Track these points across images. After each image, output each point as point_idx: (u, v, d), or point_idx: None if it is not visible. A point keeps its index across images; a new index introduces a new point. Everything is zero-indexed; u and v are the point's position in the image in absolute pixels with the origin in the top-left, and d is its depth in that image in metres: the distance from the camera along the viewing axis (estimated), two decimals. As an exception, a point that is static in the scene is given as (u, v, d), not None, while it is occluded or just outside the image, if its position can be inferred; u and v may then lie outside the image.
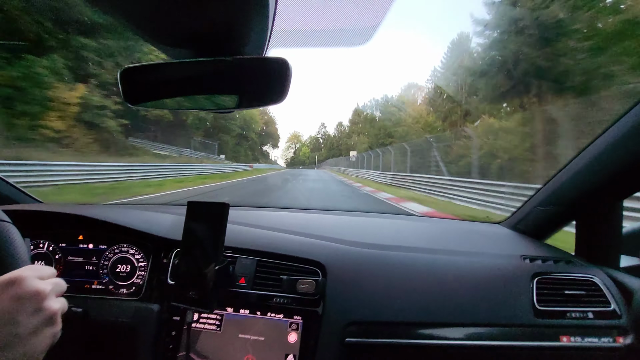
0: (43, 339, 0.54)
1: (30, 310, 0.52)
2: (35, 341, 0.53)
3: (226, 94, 0.67)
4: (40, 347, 0.54)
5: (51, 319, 0.55)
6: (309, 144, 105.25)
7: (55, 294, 0.58)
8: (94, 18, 1.71)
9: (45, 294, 0.55)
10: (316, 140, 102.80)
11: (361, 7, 0.58)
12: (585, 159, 1.01)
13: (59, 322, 0.58)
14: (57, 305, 0.57)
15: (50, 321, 0.55)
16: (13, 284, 0.52)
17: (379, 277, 0.99)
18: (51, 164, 8.95)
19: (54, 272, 0.61)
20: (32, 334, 0.52)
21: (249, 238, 1.10)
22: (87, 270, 1.10)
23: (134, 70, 0.66)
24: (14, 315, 0.50)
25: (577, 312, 0.95)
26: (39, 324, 0.53)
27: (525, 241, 1.25)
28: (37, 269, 0.57)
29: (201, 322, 0.96)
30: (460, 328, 0.92)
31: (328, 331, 0.90)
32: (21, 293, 0.52)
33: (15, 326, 0.50)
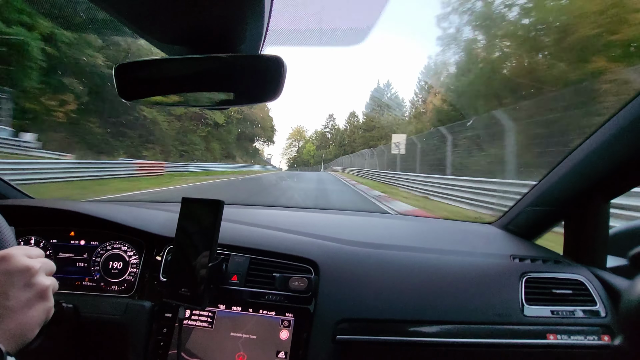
0: (36, 313, 0.55)
1: (20, 285, 0.54)
2: (28, 314, 0.54)
3: (221, 91, 0.67)
4: (34, 321, 0.55)
5: (42, 294, 0.57)
6: (315, 139, 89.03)
7: (44, 272, 0.59)
8: (89, 12, 1.68)
9: (34, 270, 0.56)
10: (323, 135, 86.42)
11: (356, 7, 0.58)
12: (574, 161, 1.03)
13: (50, 298, 0.59)
14: (48, 282, 0.59)
15: (42, 296, 0.57)
16: (2, 260, 0.54)
17: (371, 275, 1.00)
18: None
19: (42, 252, 0.63)
20: (24, 308, 0.54)
21: (242, 236, 1.10)
22: (78, 266, 1.09)
23: (129, 66, 0.66)
24: (5, 288, 0.52)
25: (564, 311, 0.97)
26: (30, 298, 0.55)
27: (515, 241, 1.27)
28: (25, 249, 0.59)
29: (193, 319, 0.96)
30: (450, 326, 0.93)
31: (319, 328, 0.91)
32: (10, 268, 0.54)
33: (6, 299, 0.52)
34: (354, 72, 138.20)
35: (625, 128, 0.87)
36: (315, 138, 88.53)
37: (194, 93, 0.70)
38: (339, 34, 0.68)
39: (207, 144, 31.35)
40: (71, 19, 0.68)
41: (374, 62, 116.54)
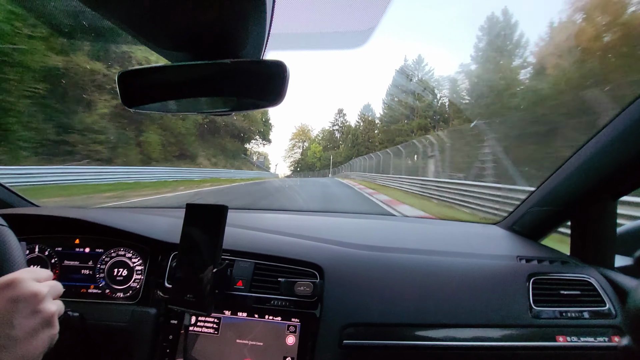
0: (40, 341, 0.54)
1: (26, 313, 0.52)
2: (32, 343, 0.53)
3: (224, 96, 0.67)
4: (38, 350, 0.54)
5: (48, 321, 0.56)
6: (322, 139, 76.78)
7: (52, 296, 0.58)
8: (91, 21, 1.67)
9: (42, 296, 0.55)
10: (331, 134, 74.31)
11: (357, 11, 0.58)
12: (579, 160, 1.02)
13: (56, 324, 0.58)
14: (54, 308, 0.57)
15: (47, 323, 0.55)
16: (9, 286, 0.52)
17: (376, 279, 0.99)
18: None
19: (51, 274, 0.61)
20: (28, 336, 0.52)
21: (246, 241, 1.10)
22: (83, 274, 1.09)
23: (132, 73, 0.66)
24: (10, 317, 0.51)
25: (573, 312, 0.95)
26: (35, 326, 0.53)
27: (521, 242, 1.25)
28: (34, 272, 0.58)
29: (198, 326, 0.96)
30: (458, 329, 0.92)
31: (326, 333, 0.90)
32: (17, 295, 0.52)
33: (11, 328, 0.50)
34: (369, 57, 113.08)
35: (632, 125, 0.86)
36: (322, 138, 76.99)
37: (196, 99, 0.70)
38: (341, 37, 0.68)
39: (123, 132, 16.84)
40: (74, 28, 0.69)
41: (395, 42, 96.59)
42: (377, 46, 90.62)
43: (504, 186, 6.86)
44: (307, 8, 0.56)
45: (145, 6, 0.49)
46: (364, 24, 0.62)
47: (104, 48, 14.59)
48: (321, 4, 0.56)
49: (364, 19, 0.60)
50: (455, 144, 12.32)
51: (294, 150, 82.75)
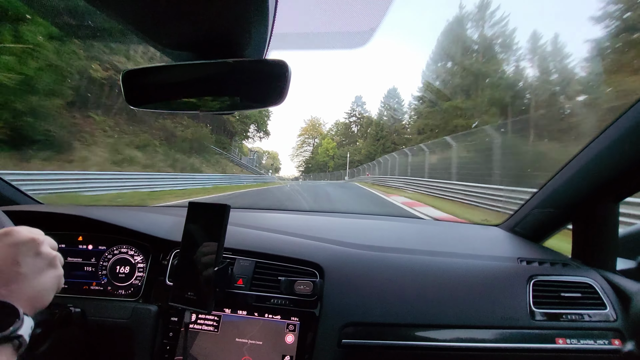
0: (48, 279, 0.60)
1: (30, 254, 0.58)
2: (41, 280, 0.59)
3: (227, 95, 0.68)
4: (47, 286, 0.60)
5: (51, 262, 0.62)
6: (336, 134, 64.78)
7: (48, 245, 0.63)
8: (97, 21, 1.66)
9: (40, 240, 0.60)
10: (346, 127, 61.71)
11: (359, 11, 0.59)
12: (582, 162, 1.02)
13: (59, 267, 0.64)
14: (54, 252, 0.63)
15: (51, 264, 0.62)
16: (7, 235, 0.58)
17: (376, 279, 1.00)
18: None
19: (42, 232, 0.66)
20: (35, 274, 0.58)
21: (248, 239, 1.11)
22: (86, 271, 1.10)
23: (136, 72, 0.67)
24: (15, 257, 0.56)
25: (573, 315, 0.95)
26: (41, 265, 0.59)
27: (523, 244, 1.25)
28: (26, 227, 0.63)
29: (199, 324, 0.96)
30: (457, 330, 0.92)
31: (325, 332, 0.90)
32: (17, 240, 0.58)
33: (18, 266, 0.56)
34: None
35: (633, 128, 0.86)
36: (336, 132, 64.34)
37: (199, 98, 0.71)
38: (342, 37, 0.69)
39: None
40: (79, 28, 0.70)
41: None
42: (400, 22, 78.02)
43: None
44: (308, 8, 0.56)
45: (150, 7, 0.50)
46: (365, 24, 0.62)
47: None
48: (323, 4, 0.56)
49: (366, 19, 0.61)
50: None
51: (303, 147, 72.03)
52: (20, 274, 0.55)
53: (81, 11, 0.62)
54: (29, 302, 0.56)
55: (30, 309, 0.56)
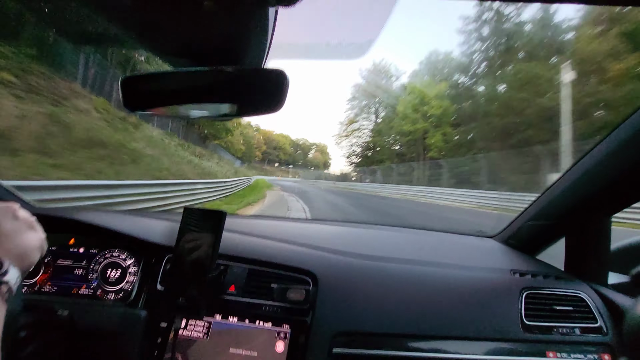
0: (31, 238, 0.64)
1: (8, 217, 0.62)
2: (24, 238, 0.62)
3: (225, 102, 0.68)
4: (31, 244, 0.63)
5: (30, 224, 0.66)
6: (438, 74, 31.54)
7: (22, 211, 0.66)
8: (95, 27, 1.65)
9: (14, 207, 0.64)
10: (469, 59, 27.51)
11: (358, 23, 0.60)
12: (575, 175, 1.03)
13: (39, 229, 0.68)
14: (32, 217, 0.67)
15: (31, 226, 0.65)
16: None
17: (369, 288, 0.99)
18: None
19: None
20: (18, 233, 0.61)
21: (241, 246, 1.10)
22: (76, 274, 1.08)
23: (134, 78, 0.67)
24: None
25: (564, 328, 0.95)
26: (20, 227, 0.63)
27: (516, 256, 1.26)
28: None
29: (188, 329, 0.95)
30: (450, 341, 0.92)
31: (316, 341, 0.90)
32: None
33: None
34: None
35: (626, 142, 0.87)
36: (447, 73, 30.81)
37: (198, 105, 0.71)
38: (341, 48, 0.70)
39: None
40: (79, 34, 0.70)
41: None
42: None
43: None
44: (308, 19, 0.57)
45: (150, 14, 0.50)
46: (364, 36, 0.63)
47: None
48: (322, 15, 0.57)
49: (364, 31, 0.62)
50: None
51: (358, 121, 38.82)
52: (1, 234, 0.58)
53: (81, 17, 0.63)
54: (15, 258, 0.58)
55: (17, 264, 0.58)
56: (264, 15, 0.50)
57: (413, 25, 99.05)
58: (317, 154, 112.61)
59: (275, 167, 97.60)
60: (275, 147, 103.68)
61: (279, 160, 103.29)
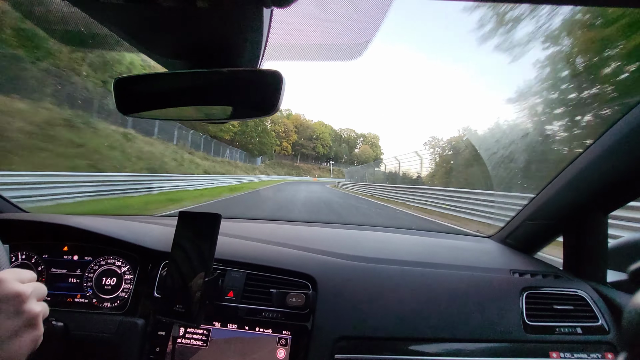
0: (24, 342, 0.53)
1: (10, 312, 0.52)
2: (16, 344, 0.52)
3: (220, 104, 0.67)
4: (22, 350, 0.53)
5: (32, 321, 0.55)
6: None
7: (35, 297, 0.57)
8: (89, 28, 1.63)
9: (25, 296, 0.54)
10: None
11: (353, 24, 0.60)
12: (571, 173, 1.03)
13: (40, 326, 0.57)
14: (38, 309, 0.56)
15: (31, 324, 0.55)
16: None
17: (369, 291, 0.98)
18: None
19: (34, 276, 0.61)
20: (11, 337, 0.52)
21: (239, 250, 1.09)
22: (70, 282, 1.06)
23: (128, 80, 0.66)
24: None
25: (566, 328, 0.95)
26: (19, 326, 0.53)
27: (515, 255, 1.26)
28: (17, 272, 0.57)
29: (187, 338, 0.93)
30: (451, 343, 0.91)
31: (317, 346, 0.88)
32: (1, 295, 0.52)
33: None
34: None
35: (622, 140, 0.88)
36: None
37: (192, 107, 0.70)
38: (336, 49, 0.69)
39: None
40: (72, 34, 0.69)
41: None
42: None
43: None
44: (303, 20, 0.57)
45: (144, 15, 0.50)
46: (360, 36, 0.63)
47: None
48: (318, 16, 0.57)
49: (360, 31, 0.62)
50: None
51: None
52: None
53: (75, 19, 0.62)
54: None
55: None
56: (259, 16, 0.50)
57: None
58: (365, 148, 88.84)
59: (311, 165, 72.61)
60: (312, 138, 77.07)
61: (317, 155, 77.36)
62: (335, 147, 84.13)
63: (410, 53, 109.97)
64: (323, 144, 79.75)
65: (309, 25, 0.60)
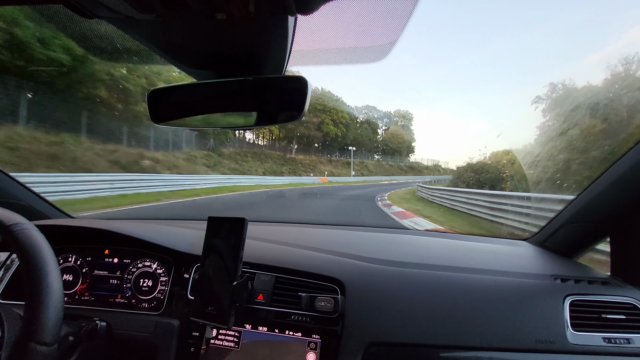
0: None
1: None
2: None
3: (248, 111, 0.69)
4: None
5: None
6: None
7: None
8: (123, 44, 1.74)
9: None
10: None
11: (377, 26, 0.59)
12: (619, 172, 0.96)
13: None
14: None
15: None
16: None
17: (400, 296, 0.96)
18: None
19: None
20: None
21: (267, 254, 1.10)
22: (111, 284, 1.13)
23: (160, 91, 0.69)
24: None
25: (619, 339, 0.88)
26: None
27: (555, 260, 1.18)
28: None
29: (219, 339, 0.96)
30: (487, 352, 0.87)
31: (347, 351, 0.88)
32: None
33: None
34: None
35: None
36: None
37: (221, 114, 0.72)
38: (361, 51, 0.69)
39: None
40: (108, 50, 0.74)
41: None
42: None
43: None
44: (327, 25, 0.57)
45: (174, 29, 0.52)
46: (385, 38, 0.62)
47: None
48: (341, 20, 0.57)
49: (384, 33, 0.61)
50: None
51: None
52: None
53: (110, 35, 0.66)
54: None
55: None
56: (283, 24, 0.51)
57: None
58: (397, 129, 54.63)
59: (316, 157, 39.24)
60: (316, 110, 40.73)
61: (325, 140, 41.51)
62: (353, 128, 48.89)
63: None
64: (335, 119, 43.89)
65: (332, 30, 0.60)
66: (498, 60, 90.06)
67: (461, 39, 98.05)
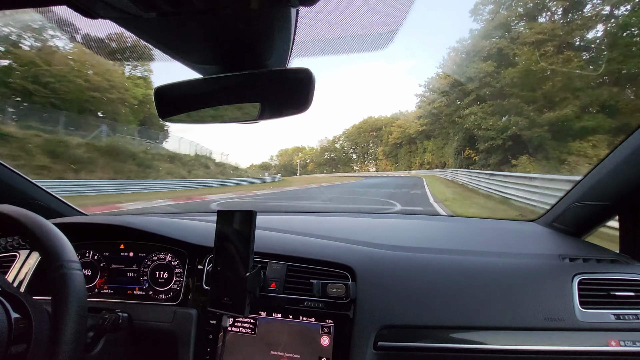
0: None
1: None
2: None
3: (253, 105, 0.70)
4: None
5: None
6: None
7: None
8: (127, 42, 1.72)
9: None
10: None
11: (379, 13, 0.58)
12: (628, 149, 0.95)
13: None
14: None
15: None
16: None
17: (409, 280, 0.98)
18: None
19: None
20: None
21: (278, 243, 1.13)
22: (129, 277, 1.17)
23: (167, 88, 0.70)
24: None
25: (629, 315, 0.89)
26: None
27: (564, 239, 1.19)
28: None
29: (236, 326, 0.99)
30: (497, 332, 0.89)
31: (360, 335, 0.90)
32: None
33: None
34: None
35: None
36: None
37: (226, 109, 0.73)
38: (363, 40, 0.68)
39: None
40: (111, 48, 0.74)
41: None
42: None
43: None
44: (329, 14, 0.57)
45: (177, 26, 0.52)
46: (387, 25, 0.62)
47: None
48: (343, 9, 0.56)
49: (386, 20, 0.60)
50: None
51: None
52: None
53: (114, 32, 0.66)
54: None
55: None
56: (286, 16, 0.51)
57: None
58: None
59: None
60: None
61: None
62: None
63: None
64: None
65: (335, 19, 0.60)
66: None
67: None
